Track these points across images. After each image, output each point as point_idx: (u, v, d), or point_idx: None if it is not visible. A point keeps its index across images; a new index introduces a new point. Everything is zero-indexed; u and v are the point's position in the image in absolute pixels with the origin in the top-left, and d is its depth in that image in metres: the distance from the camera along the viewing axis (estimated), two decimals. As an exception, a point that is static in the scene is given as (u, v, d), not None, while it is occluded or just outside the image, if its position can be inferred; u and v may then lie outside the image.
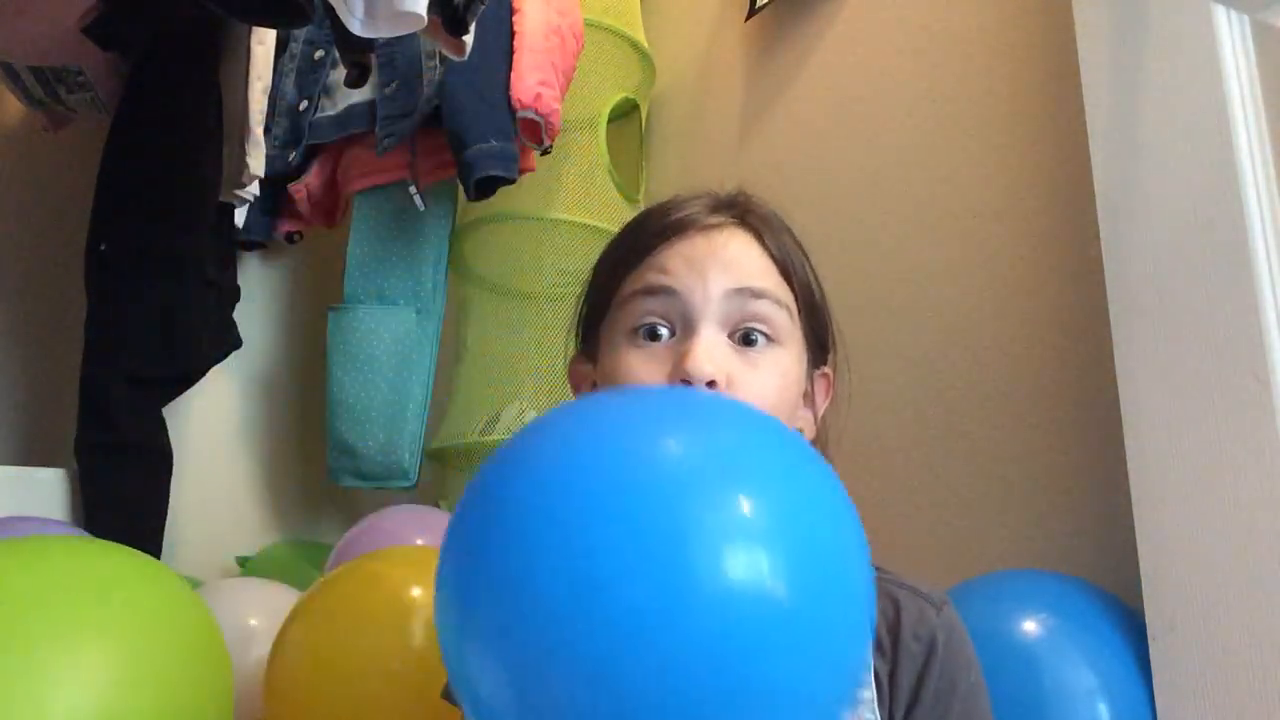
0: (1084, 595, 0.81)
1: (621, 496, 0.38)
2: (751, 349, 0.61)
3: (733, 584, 0.36)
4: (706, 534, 0.37)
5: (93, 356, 1.32)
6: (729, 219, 0.64)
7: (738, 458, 0.41)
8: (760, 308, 0.61)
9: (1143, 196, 0.80)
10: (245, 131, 1.42)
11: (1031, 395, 1.02)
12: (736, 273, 0.61)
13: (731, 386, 0.59)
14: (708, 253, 0.61)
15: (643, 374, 0.60)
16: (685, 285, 0.60)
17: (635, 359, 0.61)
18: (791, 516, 0.39)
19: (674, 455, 0.40)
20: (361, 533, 1.22)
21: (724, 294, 0.60)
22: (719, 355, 0.59)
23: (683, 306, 0.60)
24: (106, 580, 0.68)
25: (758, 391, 0.59)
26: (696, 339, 0.59)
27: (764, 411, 0.56)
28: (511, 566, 0.38)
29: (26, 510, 1.24)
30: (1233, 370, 0.71)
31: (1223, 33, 0.76)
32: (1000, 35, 1.11)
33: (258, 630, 1.13)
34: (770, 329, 0.61)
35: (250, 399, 1.82)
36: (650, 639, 0.35)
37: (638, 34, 1.71)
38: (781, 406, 0.61)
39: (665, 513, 0.37)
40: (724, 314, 0.60)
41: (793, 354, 0.63)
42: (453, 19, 1.02)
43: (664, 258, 0.62)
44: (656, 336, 0.61)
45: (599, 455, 0.40)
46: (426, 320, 1.57)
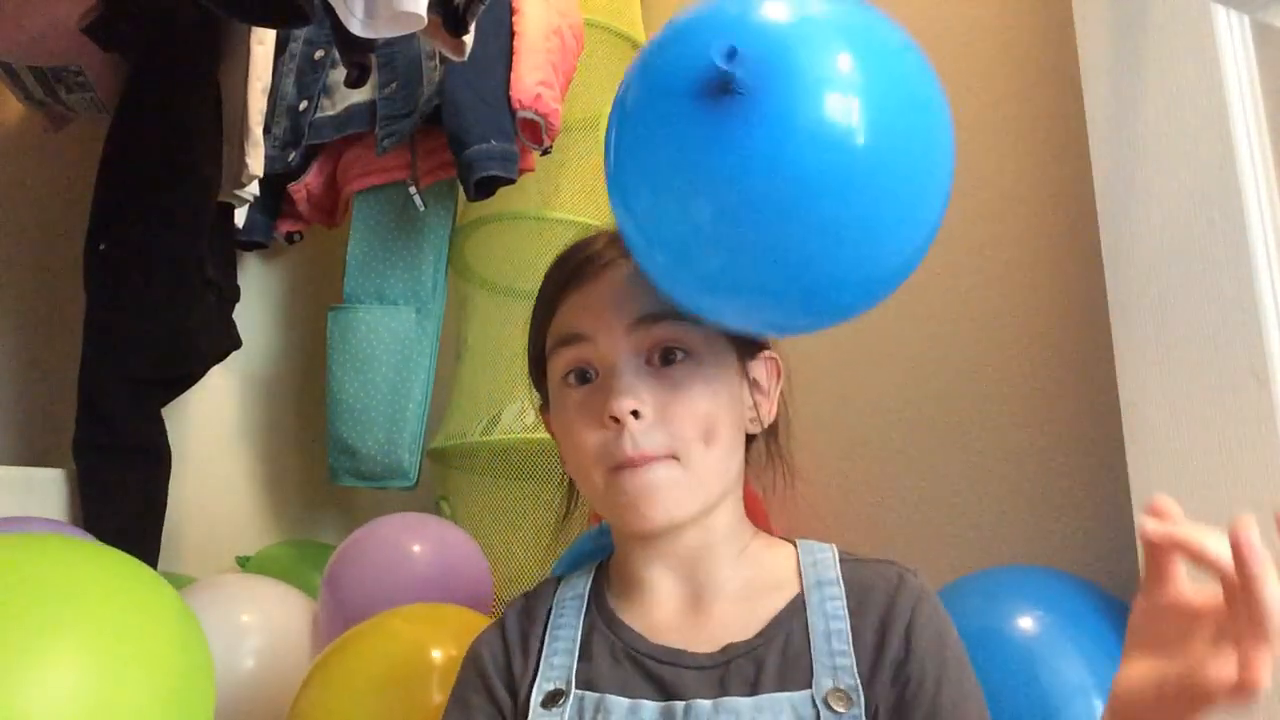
0: (1083, 593, 0.81)
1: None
2: (673, 367, 0.64)
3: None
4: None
5: (92, 357, 1.32)
6: (620, 254, 0.66)
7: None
8: (664, 330, 0.64)
9: (1143, 196, 0.80)
10: (245, 131, 1.42)
11: (1031, 395, 1.02)
12: (632, 306, 0.64)
13: (658, 412, 0.62)
14: (604, 293, 0.65)
15: (579, 421, 0.64)
16: (591, 329, 0.65)
17: (572, 407, 0.65)
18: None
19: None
20: (362, 536, 1.22)
21: (626, 329, 0.64)
22: (639, 387, 0.63)
23: (596, 349, 0.64)
24: (82, 578, 0.67)
25: (688, 409, 0.63)
26: (614, 376, 0.63)
27: (702, 424, 0.63)
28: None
29: (26, 510, 1.24)
30: (1233, 370, 0.71)
31: (1223, 33, 0.76)
32: (1000, 35, 1.11)
33: (251, 627, 1.13)
34: (684, 345, 0.64)
35: (250, 399, 1.82)
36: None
37: (638, 34, 1.71)
38: (718, 413, 0.64)
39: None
40: (635, 345, 0.64)
41: (715, 361, 0.66)
42: (453, 19, 1.02)
43: (568, 307, 0.67)
44: (585, 379, 0.65)
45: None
46: (426, 320, 1.57)
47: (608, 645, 0.65)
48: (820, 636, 0.62)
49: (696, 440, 0.63)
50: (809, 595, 0.65)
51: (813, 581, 0.66)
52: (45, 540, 0.73)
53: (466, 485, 1.59)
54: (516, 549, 1.50)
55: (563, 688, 0.63)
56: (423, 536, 1.21)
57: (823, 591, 0.65)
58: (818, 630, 0.62)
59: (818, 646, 0.62)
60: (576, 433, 0.65)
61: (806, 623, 0.63)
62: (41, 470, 1.34)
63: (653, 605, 0.67)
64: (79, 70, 1.39)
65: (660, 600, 0.67)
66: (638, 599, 0.67)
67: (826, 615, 0.63)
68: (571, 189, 1.60)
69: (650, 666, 0.63)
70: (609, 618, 0.67)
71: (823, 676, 0.60)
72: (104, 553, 0.74)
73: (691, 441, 0.63)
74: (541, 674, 0.65)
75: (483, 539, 1.35)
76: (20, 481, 1.32)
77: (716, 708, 0.59)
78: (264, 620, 1.15)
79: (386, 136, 1.51)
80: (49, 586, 0.65)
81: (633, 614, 0.67)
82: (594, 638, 0.66)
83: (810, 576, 0.66)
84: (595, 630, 0.66)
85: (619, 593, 0.69)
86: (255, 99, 1.42)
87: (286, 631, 1.15)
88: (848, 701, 0.59)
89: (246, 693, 1.08)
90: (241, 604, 1.16)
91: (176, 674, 0.68)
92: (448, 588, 1.14)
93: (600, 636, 0.66)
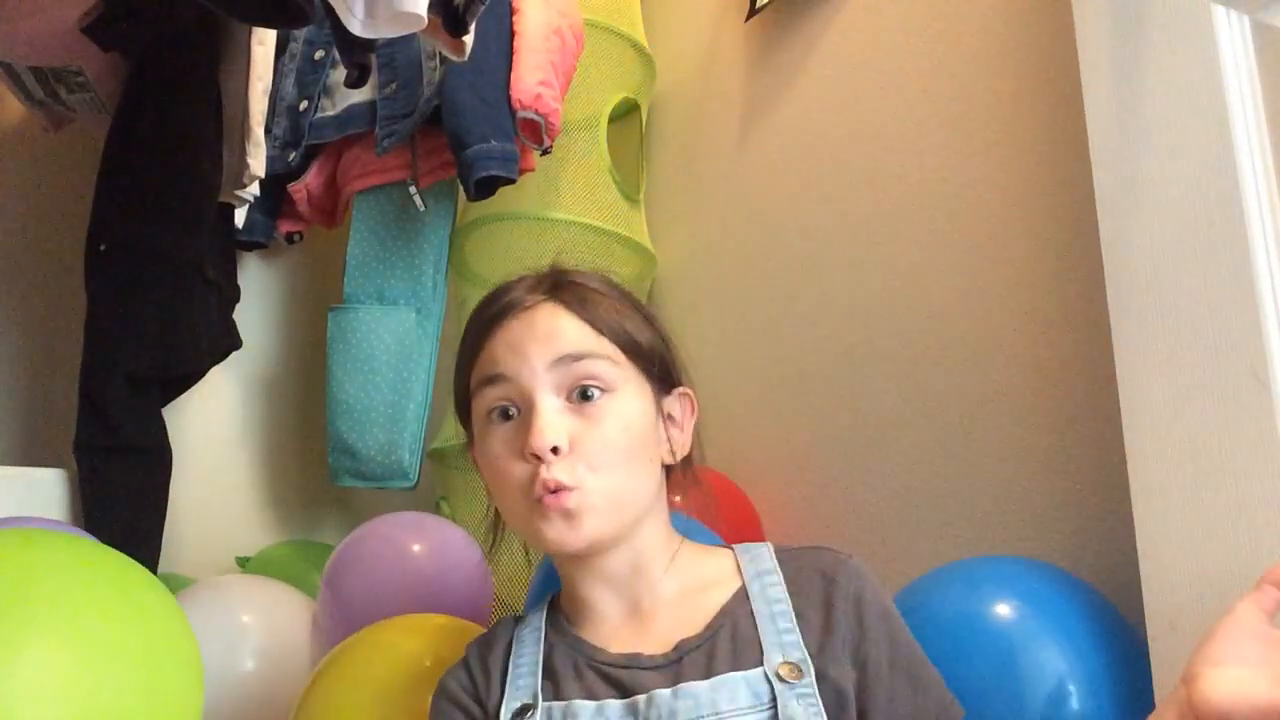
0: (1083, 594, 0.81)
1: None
2: (590, 403, 0.68)
3: None
4: None
5: (93, 357, 1.32)
6: (542, 296, 0.72)
7: None
8: (582, 368, 0.68)
9: (1143, 196, 0.80)
10: (245, 132, 1.42)
11: (1031, 394, 1.02)
12: (553, 344, 0.69)
13: (575, 446, 0.67)
14: (526, 333, 0.70)
15: (501, 454, 0.69)
16: (513, 369, 0.69)
17: (494, 442, 0.70)
18: None
19: None
20: (361, 536, 1.22)
21: (546, 366, 0.68)
22: (557, 423, 0.67)
23: (517, 387, 0.69)
24: (65, 572, 0.68)
25: (604, 440, 0.67)
26: (534, 414, 0.67)
27: (616, 455, 0.67)
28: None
29: (26, 510, 1.24)
30: (1233, 370, 0.71)
31: (1223, 33, 0.76)
32: (1000, 35, 1.11)
33: (251, 627, 1.13)
34: (600, 382, 0.69)
35: (250, 399, 1.82)
36: None
37: (638, 34, 1.71)
38: (634, 444, 0.69)
39: None
40: (555, 383, 0.68)
41: (631, 396, 0.70)
42: (453, 19, 1.02)
43: (492, 347, 0.71)
44: (508, 416, 0.70)
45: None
46: (426, 320, 1.57)
47: (570, 660, 0.70)
48: (765, 619, 0.67)
49: (610, 469, 0.67)
50: (750, 586, 0.70)
51: (752, 574, 0.71)
52: (28, 535, 0.73)
53: (466, 485, 1.59)
54: (516, 549, 1.50)
55: (530, 701, 0.68)
56: (422, 536, 1.21)
57: (762, 580, 0.70)
58: (762, 614, 0.67)
59: (764, 628, 0.66)
60: (501, 467, 0.69)
61: (751, 610, 0.68)
62: (41, 470, 1.34)
63: (600, 621, 0.72)
64: (79, 70, 1.39)
65: (606, 615, 0.72)
66: (587, 617, 0.72)
67: (769, 600, 0.68)
68: (571, 189, 1.60)
69: (609, 672, 0.67)
70: (566, 636, 0.72)
71: (772, 653, 0.64)
72: (89, 547, 0.74)
73: (606, 469, 0.67)
74: (508, 695, 0.69)
75: (482, 539, 1.35)
76: (20, 481, 1.32)
77: (676, 694, 0.63)
78: (264, 621, 1.15)
79: (386, 136, 1.51)
80: (29, 579, 0.65)
81: (586, 630, 0.72)
82: (555, 656, 0.70)
83: (749, 570, 0.71)
84: (556, 649, 0.71)
85: (571, 615, 0.74)
86: (256, 99, 1.42)
87: (286, 632, 1.15)
88: (798, 673, 0.63)
89: (246, 693, 1.08)
90: (241, 605, 1.16)
91: (160, 666, 0.68)
92: (447, 588, 1.14)
93: (561, 654, 0.70)
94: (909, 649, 0.68)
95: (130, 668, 0.65)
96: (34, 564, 0.66)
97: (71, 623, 0.64)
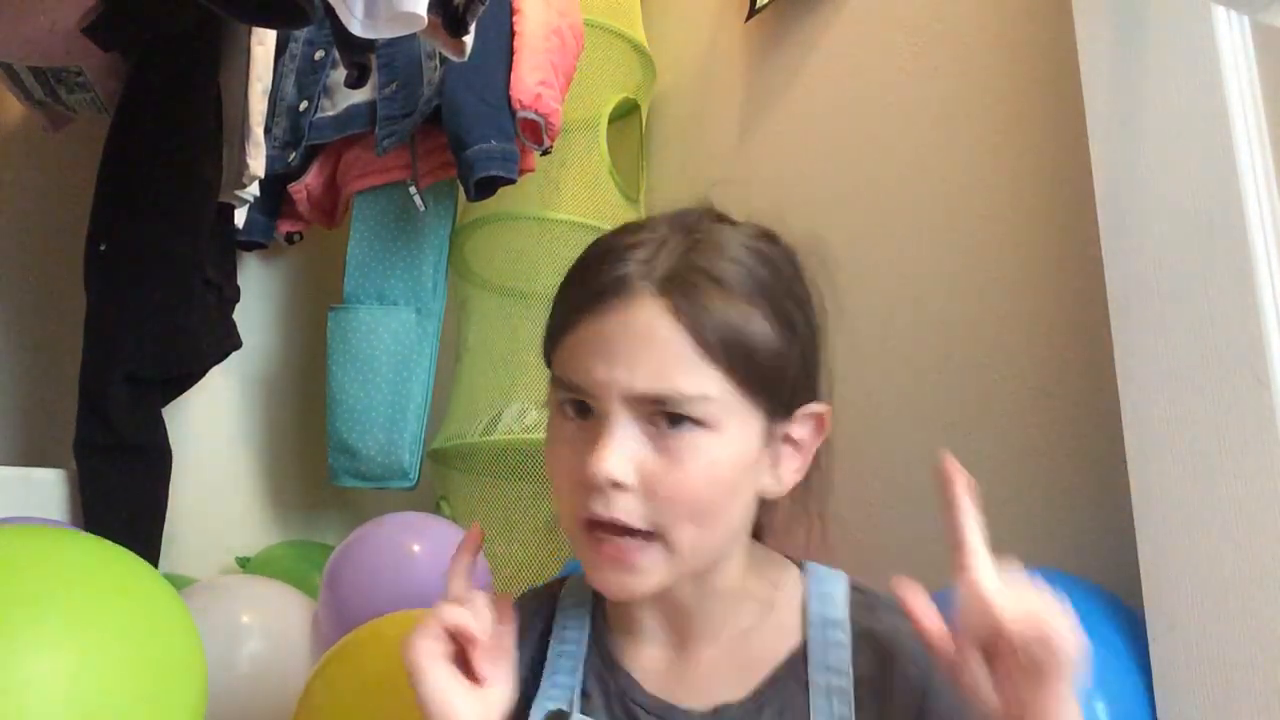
0: (1084, 594, 0.81)
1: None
2: (676, 433, 0.56)
3: None
4: None
5: (92, 356, 1.32)
6: (651, 286, 0.57)
7: None
8: (668, 407, 0.56)
9: (1143, 196, 0.80)
10: (246, 132, 1.42)
11: (1031, 395, 1.02)
12: (639, 371, 0.55)
13: (647, 484, 0.56)
14: (618, 342, 0.57)
15: (561, 455, 0.59)
16: (593, 382, 0.57)
17: (560, 434, 0.60)
18: None
19: None
20: (362, 537, 1.22)
21: (624, 397, 0.56)
22: (628, 453, 0.55)
23: (594, 398, 0.57)
24: (70, 567, 0.68)
25: (683, 486, 0.56)
26: (604, 436, 0.56)
27: (696, 506, 0.56)
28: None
29: (26, 510, 1.24)
30: (1233, 370, 0.71)
31: (1223, 33, 0.76)
32: (1000, 35, 1.11)
33: (252, 628, 1.13)
34: (697, 415, 0.56)
35: (250, 399, 1.82)
36: None
37: (638, 34, 1.71)
38: (713, 491, 0.57)
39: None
40: (634, 409, 0.56)
41: (729, 435, 0.57)
42: (453, 19, 1.02)
43: (581, 342, 0.58)
44: (585, 411, 0.58)
45: None
46: (426, 320, 1.57)
47: (604, 683, 0.63)
48: (821, 696, 0.58)
49: (685, 520, 0.56)
50: (812, 642, 0.60)
51: (818, 623, 0.61)
52: (33, 531, 0.73)
53: (466, 486, 1.59)
54: (516, 549, 1.50)
55: (565, 709, 0.62)
56: (423, 537, 1.21)
57: (827, 636, 0.61)
58: (818, 687, 0.58)
59: (816, 705, 0.58)
60: (557, 470, 0.60)
61: (806, 681, 0.59)
62: (41, 470, 1.34)
63: (643, 643, 0.65)
64: (79, 70, 1.39)
65: (650, 639, 0.65)
66: (631, 635, 0.65)
67: (829, 670, 0.59)
68: (572, 189, 1.60)
69: (642, 717, 0.61)
70: (605, 653, 0.65)
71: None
72: (94, 543, 0.74)
73: (679, 521, 0.56)
74: (543, 691, 0.63)
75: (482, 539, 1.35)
76: (20, 481, 1.32)
77: None
78: (264, 621, 1.15)
79: (386, 137, 1.51)
80: (36, 575, 0.65)
81: (626, 652, 0.65)
82: (590, 669, 0.64)
83: (816, 615, 0.62)
84: (591, 661, 0.64)
85: (613, 626, 0.66)
86: (256, 99, 1.42)
87: (286, 632, 1.15)
88: None
89: (247, 693, 1.08)
90: (242, 605, 1.16)
91: (165, 665, 0.68)
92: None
93: (597, 671, 0.64)
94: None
95: (135, 667, 0.65)
96: (40, 561, 0.66)
97: (78, 621, 0.64)
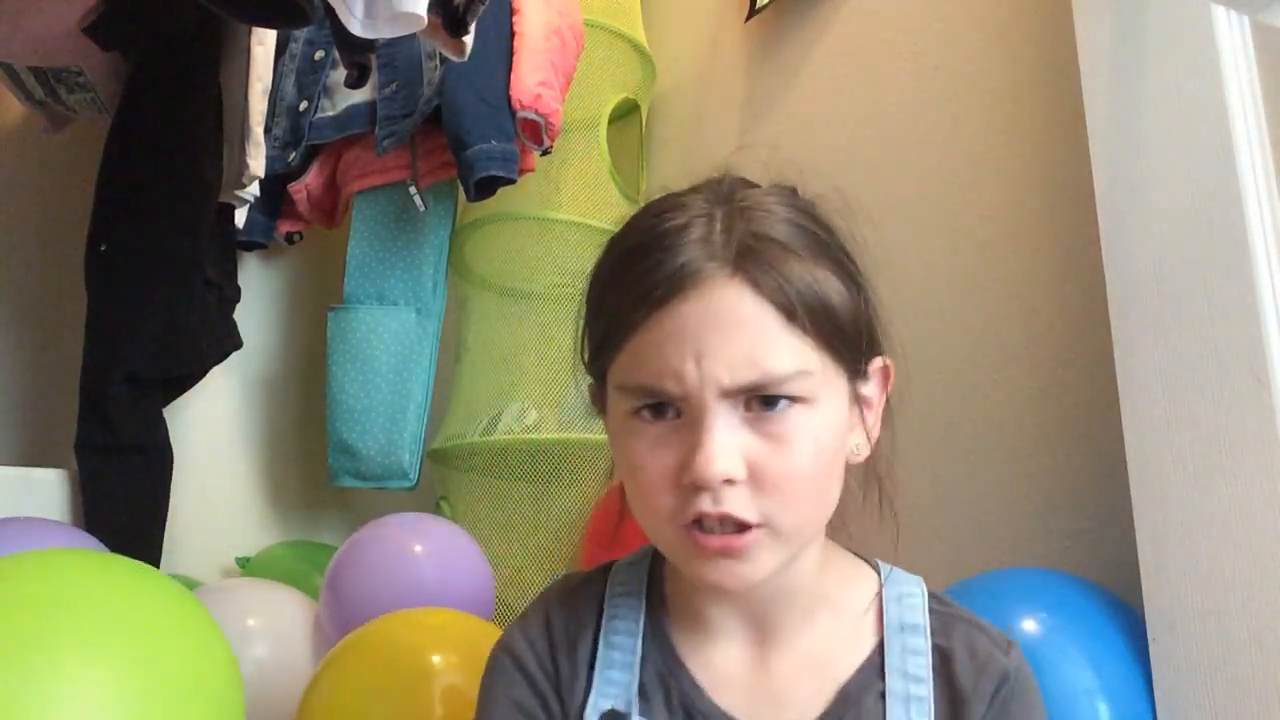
0: (1084, 594, 0.81)
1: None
2: (775, 414, 0.52)
3: None
4: None
5: (93, 357, 1.32)
6: (724, 266, 0.53)
7: None
8: (770, 390, 0.52)
9: (1143, 196, 0.80)
10: (246, 132, 1.42)
11: (1031, 395, 1.02)
12: (735, 360, 0.51)
13: (755, 474, 0.52)
14: (701, 334, 0.52)
15: (648, 461, 0.54)
16: (682, 384, 0.52)
17: (640, 442, 0.54)
18: None
19: None
20: (364, 538, 1.22)
21: (722, 391, 0.52)
22: (733, 445, 0.52)
23: (684, 395, 0.53)
24: (113, 593, 0.66)
25: (792, 468, 0.52)
26: (706, 434, 0.51)
27: (804, 483, 0.53)
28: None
29: (26, 511, 1.24)
30: (1233, 370, 0.71)
31: (1223, 33, 0.76)
32: (1000, 35, 1.11)
33: (255, 631, 1.13)
34: (792, 392, 0.53)
35: (250, 399, 1.82)
36: None
37: (638, 34, 1.71)
38: (820, 466, 0.54)
39: None
40: (732, 400, 0.52)
41: (825, 402, 0.54)
42: (453, 19, 1.02)
43: (653, 342, 0.53)
44: (662, 413, 0.54)
45: None
46: (426, 320, 1.57)
47: (661, 682, 0.59)
48: (899, 706, 0.56)
49: (795, 500, 0.53)
50: (889, 646, 0.58)
51: (894, 627, 0.59)
52: (75, 556, 0.72)
53: (466, 486, 1.59)
54: (516, 549, 1.50)
55: (623, 710, 0.58)
56: (425, 538, 1.21)
57: (904, 642, 0.58)
58: (896, 697, 0.56)
59: (895, 716, 0.56)
60: (644, 482, 0.54)
61: (883, 690, 0.57)
62: (41, 470, 1.34)
63: (713, 647, 0.60)
64: (79, 71, 1.39)
65: (722, 643, 0.60)
66: (699, 637, 0.60)
67: (907, 678, 0.57)
68: (571, 189, 1.60)
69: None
70: (667, 652, 0.60)
71: None
72: (132, 566, 0.72)
73: (789, 504, 0.53)
74: (597, 689, 0.59)
75: (483, 539, 1.35)
76: (20, 481, 1.32)
77: None
78: (268, 624, 1.15)
79: (386, 137, 1.51)
80: (83, 600, 0.64)
81: (692, 654, 0.60)
82: (648, 667, 0.59)
83: (892, 619, 0.59)
84: (650, 659, 0.60)
85: (677, 621, 0.61)
86: (256, 99, 1.42)
87: (289, 634, 1.15)
88: None
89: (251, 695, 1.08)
90: (246, 608, 1.16)
91: (210, 695, 0.67)
92: (449, 589, 1.14)
93: (655, 671, 0.59)
94: None
95: (173, 693, 0.64)
96: (72, 587, 0.64)
97: (120, 650, 0.63)
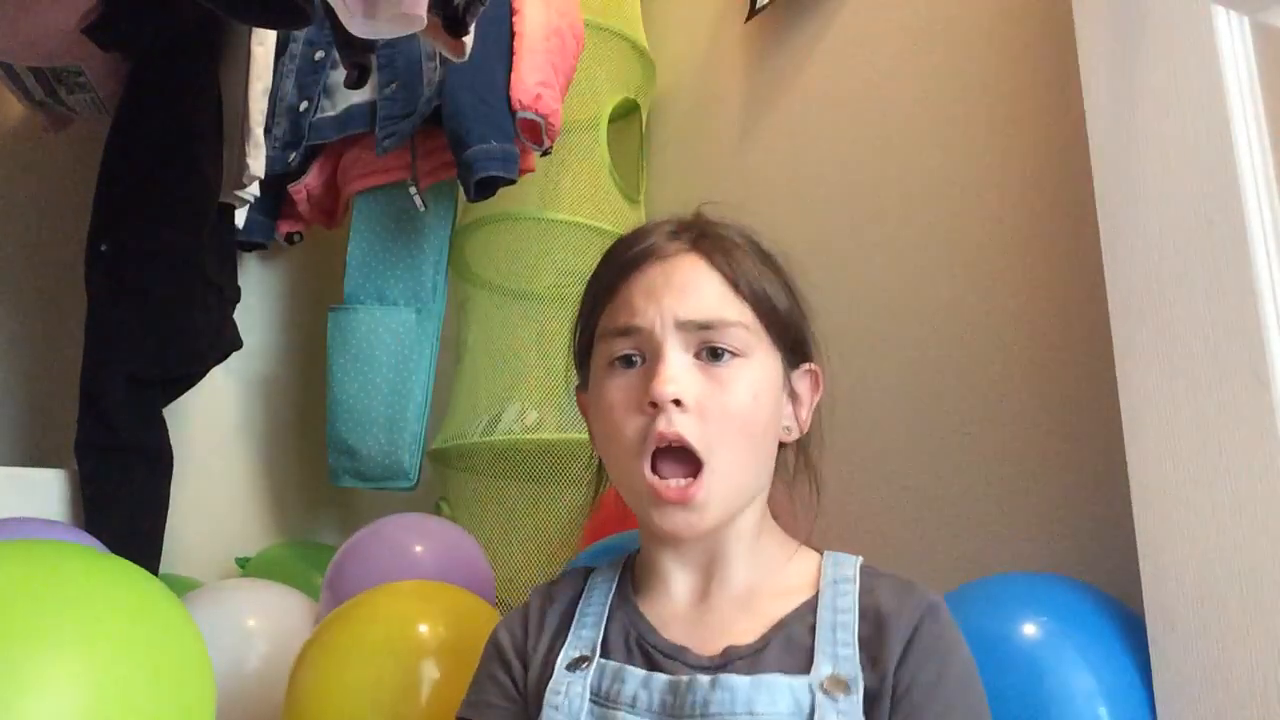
0: (1084, 597, 0.81)
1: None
2: (720, 364, 0.66)
3: None
4: None
5: (93, 357, 1.32)
6: (684, 245, 0.69)
7: None
8: (712, 334, 0.66)
9: (1143, 197, 0.80)
10: (246, 132, 1.42)
11: (1031, 395, 1.02)
12: (690, 301, 0.66)
13: (700, 407, 0.64)
14: (663, 284, 0.67)
15: (617, 402, 0.67)
16: (647, 320, 0.66)
17: (611, 390, 0.68)
18: None
19: None
20: (364, 537, 1.22)
21: (679, 322, 0.66)
22: (683, 377, 0.65)
23: (647, 337, 0.66)
24: (82, 585, 0.66)
25: (731, 406, 0.65)
26: (661, 363, 0.65)
27: (740, 422, 0.65)
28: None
29: (26, 511, 1.24)
30: (1233, 370, 0.71)
31: (1223, 33, 0.76)
32: (1000, 36, 1.11)
33: (256, 631, 1.13)
34: (734, 347, 0.66)
35: (250, 399, 1.82)
36: None
37: (638, 34, 1.71)
38: (758, 413, 0.67)
39: None
40: (684, 339, 0.66)
41: (761, 363, 0.68)
42: (453, 20, 1.02)
43: (628, 294, 0.69)
44: (631, 364, 0.67)
45: None
46: (426, 320, 1.58)
47: (623, 631, 0.68)
48: (826, 628, 0.63)
49: (733, 438, 0.65)
50: (824, 592, 0.66)
51: (829, 580, 0.68)
52: (44, 547, 0.72)
53: (466, 486, 1.59)
54: (516, 549, 1.50)
55: (588, 654, 0.67)
56: (425, 538, 1.21)
57: (837, 587, 0.67)
58: (824, 622, 0.64)
59: (822, 636, 0.63)
60: (615, 418, 0.67)
61: (814, 621, 0.64)
62: (41, 470, 1.34)
63: (666, 598, 0.70)
64: (79, 71, 1.39)
65: (674, 594, 0.70)
66: (656, 590, 0.71)
67: (836, 609, 0.65)
68: (572, 189, 1.60)
69: (655, 658, 0.65)
70: (629, 608, 0.70)
71: (822, 663, 0.61)
72: (105, 561, 0.73)
73: (727, 439, 0.65)
74: (569, 644, 0.68)
75: (483, 539, 1.35)
76: (20, 481, 1.32)
77: (715, 683, 0.61)
78: (267, 624, 1.15)
79: (386, 137, 1.51)
80: (49, 597, 0.64)
81: (648, 603, 0.70)
82: (614, 619, 0.69)
83: (828, 575, 0.68)
84: (615, 615, 0.70)
85: (640, 580, 0.72)
86: (256, 100, 1.42)
87: (289, 634, 1.15)
88: (845, 689, 0.60)
89: (249, 696, 1.08)
90: (245, 608, 1.16)
91: (179, 688, 0.67)
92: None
93: (619, 622, 0.69)
94: (953, 709, 0.60)
95: (145, 686, 0.64)
96: (47, 578, 0.65)
97: (87, 641, 0.62)
